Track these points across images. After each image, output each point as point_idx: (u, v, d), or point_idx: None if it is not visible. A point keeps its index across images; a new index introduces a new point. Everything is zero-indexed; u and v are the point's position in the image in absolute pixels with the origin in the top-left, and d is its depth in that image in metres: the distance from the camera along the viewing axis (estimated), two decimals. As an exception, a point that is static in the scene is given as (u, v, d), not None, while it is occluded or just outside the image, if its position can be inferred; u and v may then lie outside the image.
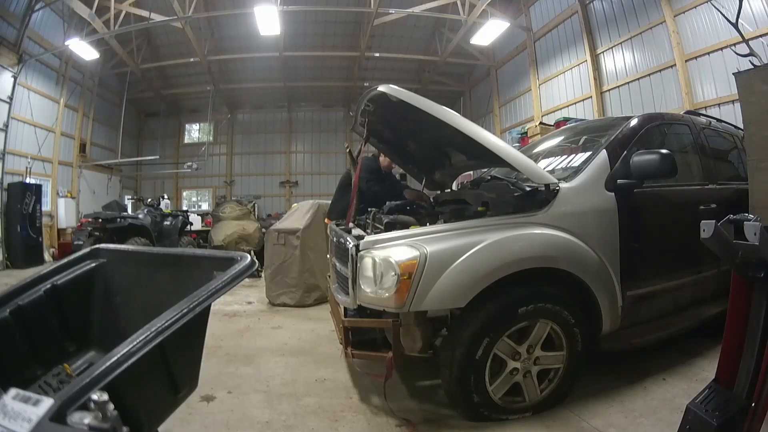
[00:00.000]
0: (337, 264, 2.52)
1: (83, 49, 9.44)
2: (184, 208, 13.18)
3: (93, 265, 1.57)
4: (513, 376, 2.02)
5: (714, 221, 1.26)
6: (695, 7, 6.41)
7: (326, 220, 4.22)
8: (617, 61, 8.16)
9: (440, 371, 2.06)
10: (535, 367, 2.05)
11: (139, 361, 0.92)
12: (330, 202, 4.46)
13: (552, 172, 2.50)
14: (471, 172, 5.66)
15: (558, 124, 6.63)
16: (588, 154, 2.50)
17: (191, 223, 9.35)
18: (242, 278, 1.21)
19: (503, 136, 10.15)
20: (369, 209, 2.75)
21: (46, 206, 9.94)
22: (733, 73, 3.21)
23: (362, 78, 13.72)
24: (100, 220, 7.01)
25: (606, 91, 8.43)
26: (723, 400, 1.34)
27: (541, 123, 7.71)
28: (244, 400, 2.36)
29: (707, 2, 6.00)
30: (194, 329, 1.17)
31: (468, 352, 1.92)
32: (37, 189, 9.17)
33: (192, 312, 1.05)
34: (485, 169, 3.63)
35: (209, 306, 1.13)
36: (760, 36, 5.25)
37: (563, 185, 2.21)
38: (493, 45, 10.98)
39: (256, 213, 9.52)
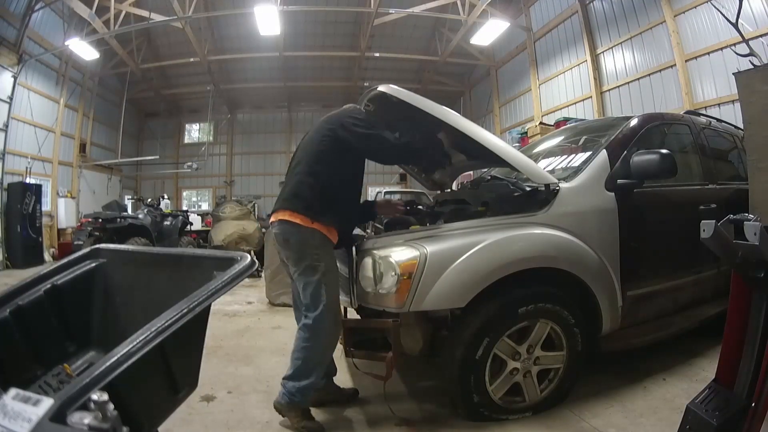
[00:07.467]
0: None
1: (83, 49, 9.44)
2: (184, 208, 13.18)
3: (93, 265, 1.56)
4: (513, 376, 2.02)
5: (714, 221, 1.26)
6: (695, 7, 6.41)
7: None
8: (617, 61, 8.16)
9: (440, 371, 2.05)
10: (535, 367, 2.05)
11: (139, 361, 0.91)
12: None
13: (552, 172, 2.49)
14: (471, 172, 5.67)
15: (558, 124, 6.63)
16: (588, 154, 2.50)
17: (191, 223, 9.34)
18: (242, 278, 1.21)
19: (503, 136, 10.15)
20: None
21: (46, 206, 9.94)
22: (733, 73, 3.20)
23: (362, 78, 13.71)
24: (100, 220, 7.00)
25: (606, 91, 8.43)
26: (723, 400, 1.34)
27: (541, 123, 7.70)
28: (244, 400, 2.36)
29: (707, 2, 6.00)
30: (194, 329, 1.16)
31: (468, 352, 1.91)
32: (37, 189, 9.16)
33: (192, 312, 1.05)
34: (485, 169, 3.62)
35: (209, 306, 1.13)
36: (760, 36, 5.25)
37: (563, 185, 2.21)
38: (493, 45, 10.99)
39: (256, 213, 9.54)
